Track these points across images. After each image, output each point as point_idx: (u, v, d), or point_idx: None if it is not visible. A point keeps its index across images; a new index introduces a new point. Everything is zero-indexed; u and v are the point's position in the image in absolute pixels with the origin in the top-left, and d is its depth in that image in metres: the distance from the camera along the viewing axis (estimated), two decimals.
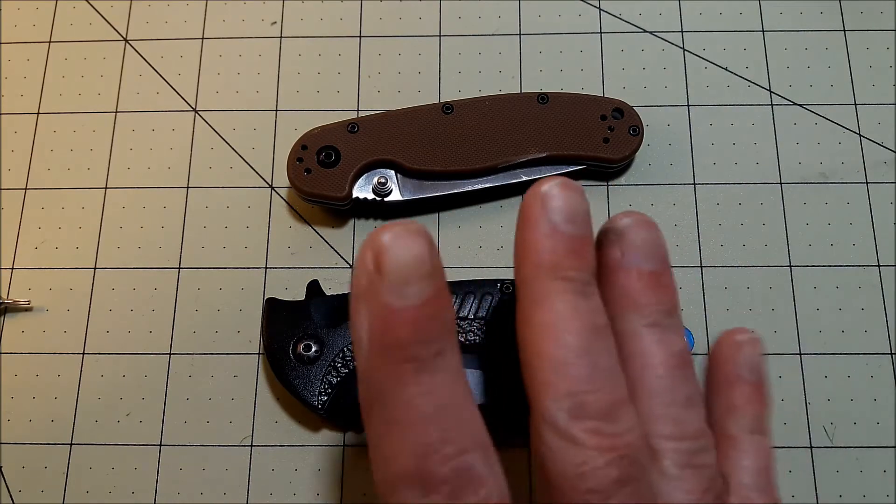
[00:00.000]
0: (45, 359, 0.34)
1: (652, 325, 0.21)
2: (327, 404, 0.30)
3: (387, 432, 0.18)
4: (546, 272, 0.19)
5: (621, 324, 0.21)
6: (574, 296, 0.19)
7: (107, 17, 0.39)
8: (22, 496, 0.32)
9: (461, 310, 0.31)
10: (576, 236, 0.20)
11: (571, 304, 0.19)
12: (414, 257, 0.18)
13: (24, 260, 0.35)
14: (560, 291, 0.19)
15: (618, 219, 0.22)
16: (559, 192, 0.20)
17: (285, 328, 0.31)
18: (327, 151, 0.34)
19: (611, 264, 0.21)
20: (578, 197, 0.20)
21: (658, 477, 0.19)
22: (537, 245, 0.19)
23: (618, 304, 0.21)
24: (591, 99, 0.35)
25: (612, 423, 0.18)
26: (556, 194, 0.20)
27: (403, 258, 0.18)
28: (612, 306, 0.21)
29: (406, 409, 0.18)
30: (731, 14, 0.38)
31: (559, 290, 0.19)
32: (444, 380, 0.18)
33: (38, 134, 0.37)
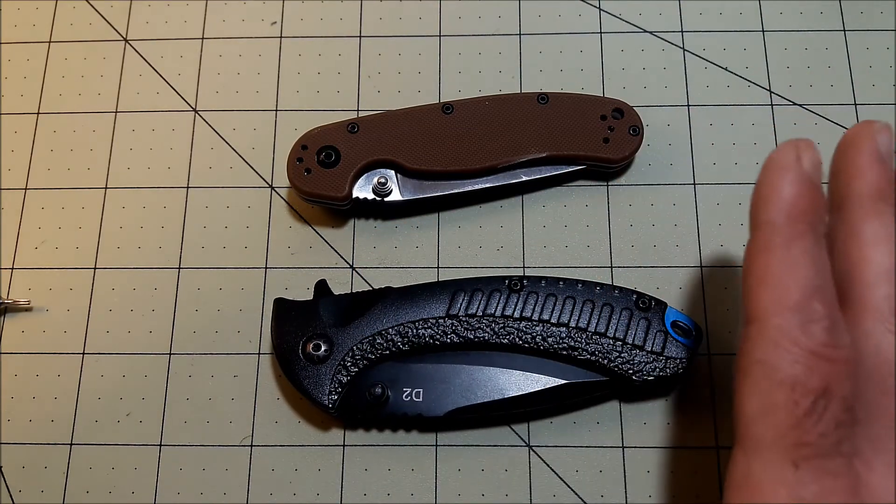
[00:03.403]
0: (45, 359, 0.34)
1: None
2: (338, 403, 0.30)
3: (783, 271, 0.21)
4: (874, 194, 0.23)
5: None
6: (892, 220, 0.22)
7: (107, 17, 0.39)
8: (22, 496, 0.32)
9: (469, 307, 0.31)
10: (892, 172, 0.23)
11: (893, 225, 0.22)
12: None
13: (24, 260, 0.35)
14: (885, 213, 0.22)
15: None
16: (887, 132, 0.24)
17: (294, 328, 0.31)
18: (327, 151, 0.34)
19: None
20: (894, 140, 0.24)
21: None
22: (867, 170, 0.23)
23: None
24: (591, 99, 0.35)
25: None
26: (885, 132, 0.24)
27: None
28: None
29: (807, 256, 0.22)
30: (731, 14, 0.38)
31: (884, 211, 0.23)
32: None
33: (38, 134, 0.37)
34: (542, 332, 0.30)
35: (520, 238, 0.35)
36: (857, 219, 0.23)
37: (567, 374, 0.30)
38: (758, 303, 0.21)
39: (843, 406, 0.20)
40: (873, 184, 0.23)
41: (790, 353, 0.21)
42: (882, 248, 0.22)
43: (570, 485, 0.31)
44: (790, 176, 0.22)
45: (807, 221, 0.22)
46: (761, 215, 0.22)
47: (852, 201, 0.23)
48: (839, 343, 0.21)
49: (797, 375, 0.20)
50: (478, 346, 0.31)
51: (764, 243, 0.22)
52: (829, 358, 0.20)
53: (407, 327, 0.31)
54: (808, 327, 0.21)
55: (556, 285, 0.31)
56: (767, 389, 0.21)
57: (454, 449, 0.32)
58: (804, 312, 0.21)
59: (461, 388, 0.30)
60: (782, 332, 0.21)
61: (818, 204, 0.22)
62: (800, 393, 0.20)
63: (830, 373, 0.20)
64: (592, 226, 0.35)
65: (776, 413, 0.20)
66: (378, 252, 0.35)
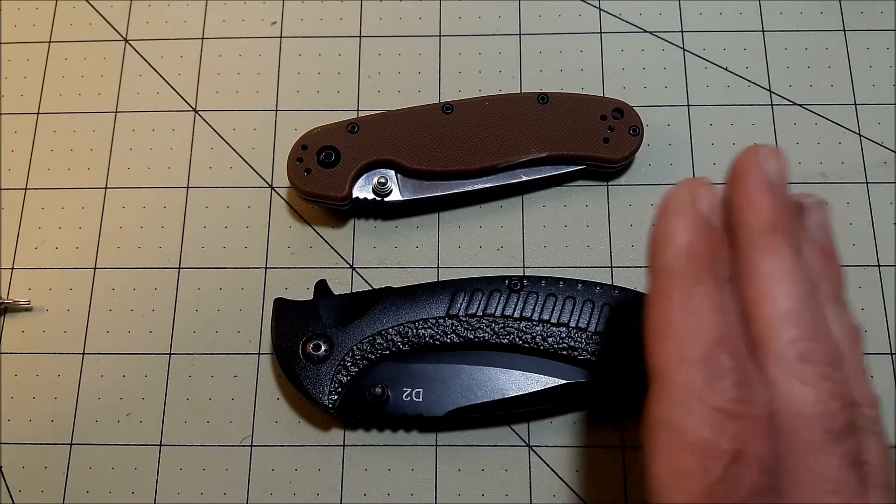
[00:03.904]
0: (45, 359, 0.34)
1: (831, 300, 0.22)
2: (338, 403, 0.30)
3: (680, 321, 0.20)
4: (767, 227, 0.21)
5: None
6: (794, 252, 0.21)
7: (107, 17, 0.39)
8: (22, 496, 0.32)
9: (469, 307, 0.31)
10: (788, 198, 0.22)
11: (793, 258, 0.20)
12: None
13: (24, 260, 0.35)
14: (780, 247, 0.21)
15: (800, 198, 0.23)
16: (775, 157, 0.22)
17: (294, 328, 0.31)
18: (327, 151, 0.34)
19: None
20: (785, 164, 0.22)
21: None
22: (758, 202, 0.21)
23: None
24: (591, 99, 0.35)
25: (837, 371, 0.19)
26: (773, 158, 0.22)
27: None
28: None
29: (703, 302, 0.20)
30: (731, 14, 0.38)
31: (781, 245, 0.21)
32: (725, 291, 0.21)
33: (38, 134, 0.37)
34: (542, 332, 0.30)
35: (520, 238, 0.35)
36: (751, 256, 0.21)
37: (567, 374, 0.30)
38: (660, 358, 0.20)
39: (760, 469, 0.18)
40: (764, 216, 0.21)
41: (697, 413, 0.19)
42: (781, 287, 0.20)
43: (570, 485, 0.31)
44: (685, 219, 0.21)
45: (706, 265, 0.20)
46: (658, 261, 0.21)
47: (744, 237, 0.21)
48: (750, 398, 0.19)
49: (706, 438, 0.18)
50: (478, 346, 0.31)
51: (662, 291, 0.20)
52: (740, 416, 0.19)
53: (407, 327, 0.31)
54: (714, 383, 0.19)
55: (556, 285, 0.31)
56: (675, 453, 0.19)
57: (454, 449, 0.32)
58: (709, 366, 0.19)
59: (461, 388, 0.30)
60: (687, 389, 0.19)
61: (717, 246, 0.21)
62: (710, 458, 0.18)
63: (742, 432, 0.18)
64: (592, 226, 0.35)
65: (686, 480, 0.18)
66: (378, 252, 0.35)
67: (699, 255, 0.20)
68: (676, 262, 0.20)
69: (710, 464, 0.18)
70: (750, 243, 0.21)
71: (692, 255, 0.20)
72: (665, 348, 0.20)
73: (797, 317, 0.20)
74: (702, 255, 0.20)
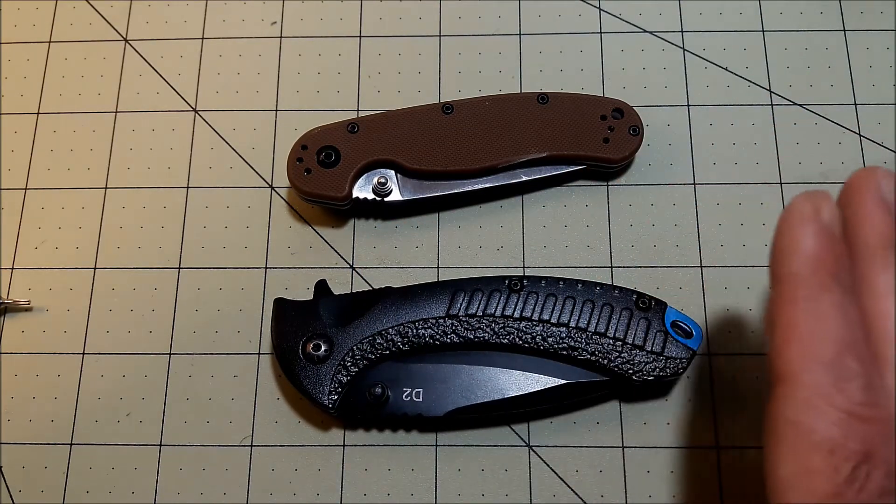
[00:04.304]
0: (45, 359, 0.34)
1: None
2: (338, 403, 0.30)
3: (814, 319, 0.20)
4: (884, 243, 0.22)
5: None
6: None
7: (107, 17, 0.39)
8: (22, 496, 0.32)
9: (469, 307, 0.31)
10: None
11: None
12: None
13: (24, 260, 0.35)
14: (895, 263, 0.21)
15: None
16: (889, 178, 0.23)
17: (294, 328, 0.31)
18: (327, 151, 0.34)
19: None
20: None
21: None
22: (875, 219, 0.22)
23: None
24: (591, 99, 0.35)
25: None
26: (887, 178, 0.23)
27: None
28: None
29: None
30: (731, 14, 0.38)
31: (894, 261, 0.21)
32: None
33: (38, 134, 0.37)
34: (542, 332, 0.30)
35: (520, 238, 0.35)
36: (868, 270, 0.21)
37: (567, 374, 0.30)
38: (787, 360, 0.20)
39: (887, 472, 0.19)
40: (880, 232, 0.22)
41: (826, 414, 0.19)
42: (893, 302, 0.21)
43: (570, 485, 0.31)
44: (811, 227, 0.21)
45: (831, 273, 0.21)
46: (784, 268, 0.21)
47: (861, 252, 0.22)
48: (877, 402, 0.19)
49: (835, 438, 0.19)
50: (478, 346, 0.31)
51: (789, 296, 0.21)
52: (868, 419, 0.19)
53: (407, 327, 0.31)
54: (842, 385, 0.19)
55: (556, 285, 0.31)
56: (803, 453, 0.19)
57: (454, 449, 0.32)
58: (838, 369, 0.19)
59: (461, 388, 0.30)
60: (816, 390, 0.19)
61: (841, 255, 0.21)
62: (840, 458, 0.19)
63: (870, 435, 0.19)
64: (592, 226, 0.35)
65: (814, 479, 0.19)
66: (378, 252, 0.35)
67: (825, 263, 0.21)
68: (804, 269, 0.21)
69: (839, 464, 0.19)
70: (866, 258, 0.21)
71: (819, 264, 0.21)
72: (792, 352, 0.20)
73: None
74: (827, 264, 0.21)
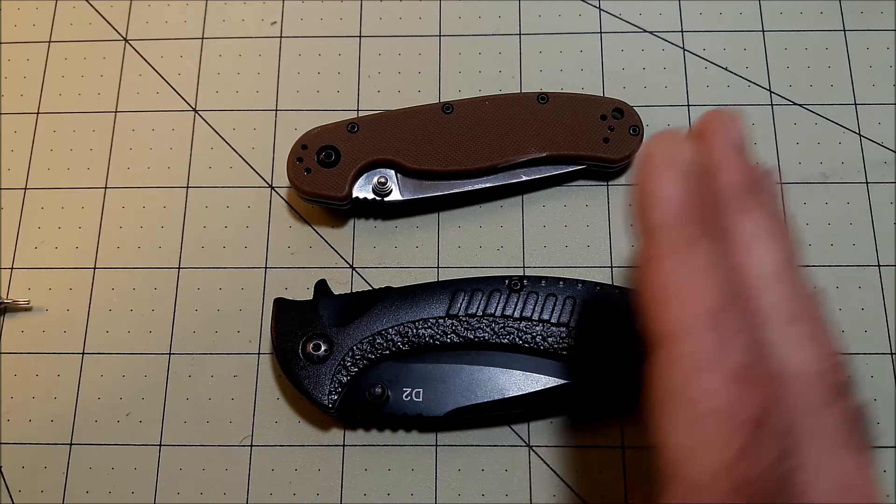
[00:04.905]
0: (45, 359, 0.34)
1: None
2: (338, 403, 0.30)
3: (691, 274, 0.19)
4: (742, 189, 0.21)
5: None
6: (769, 213, 0.21)
7: (107, 17, 0.39)
8: (22, 496, 0.32)
9: (469, 307, 0.31)
10: (752, 162, 0.22)
11: (770, 219, 0.21)
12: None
13: (23, 260, 0.35)
14: (755, 208, 0.21)
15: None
16: (736, 121, 0.22)
17: (294, 328, 0.31)
18: (327, 151, 0.34)
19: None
20: (744, 129, 0.22)
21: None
22: (730, 164, 0.21)
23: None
24: (591, 99, 0.35)
25: (821, 329, 0.20)
26: (734, 123, 0.22)
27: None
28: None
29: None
30: (731, 14, 0.38)
31: (757, 206, 0.21)
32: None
33: (38, 134, 0.37)
34: (542, 332, 0.30)
35: (520, 238, 0.35)
36: (730, 219, 0.20)
37: (567, 374, 0.30)
38: (664, 322, 0.19)
39: (781, 433, 0.18)
40: (737, 177, 0.21)
41: (712, 381, 0.18)
42: (762, 248, 0.20)
43: (570, 485, 0.31)
44: (670, 174, 0.20)
45: (697, 222, 0.19)
46: (647, 221, 0.20)
47: (721, 200, 0.20)
48: (761, 361, 0.18)
49: (724, 405, 0.18)
50: (478, 346, 0.31)
51: (658, 251, 0.19)
52: (756, 379, 0.18)
53: (407, 327, 0.31)
54: (724, 347, 0.18)
55: (556, 285, 0.31)
56: (693, 424, 0.18)
57: (454, 449, 0.32)
58: (717, 330, 0.18)
59: (461, 388, 0.30)
60: (697, 356, 0.18)
61: (705, 201, 0.20)
62: (732, 425, 0.17)
63: (761, 396, 0.18)
64: (592, 226, 0.35)
65: (709, 450, 0.18)
66: (378, 252, 0.35)
67: (691, 212, 0.19)
68: (670, 219, 0.19)
69: (731, 432, 0.17)
70: (727, 204, 0.20)
71: (684, 213, 0.19)
72: (668, 314, 0.19)
73: (779, 277, 0.19)
74: (693, 212, 0.19)
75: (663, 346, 0.19)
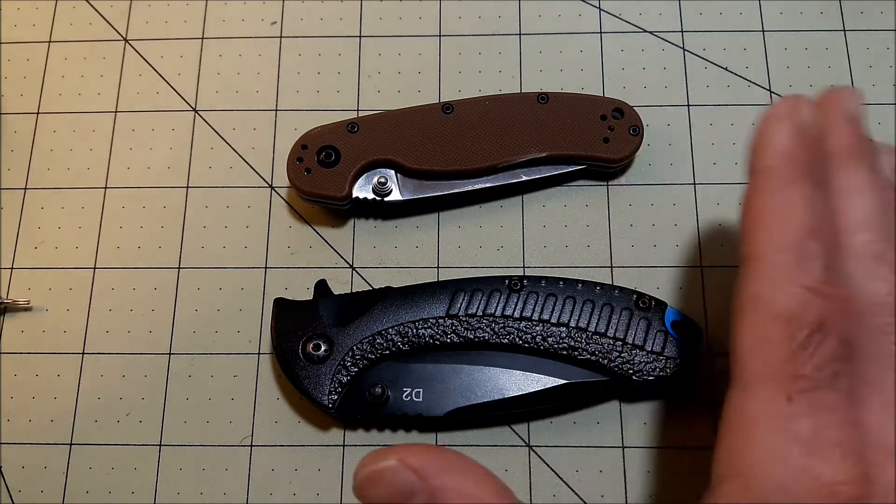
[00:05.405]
0: (45, 359, 0.34)
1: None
2: (338, 403, 0.30)
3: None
4: (848, 150, 0.24)
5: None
6: (870, 173, 0.24)
7: (107, 17, 0.39)
8: (22, 496, 0.32)
9: (469, 307, 0.31)
10: (864, 131, 0.25)
11: (868, 178, 0.23)
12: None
13: (23, 260, 0.35)
14: (860, 167, 0.23)
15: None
16: (854, 96, 0.25)
17: (294, 328, 0.31)
18: (327, 151, 0.34)
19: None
20: (862, 103, 0.25)
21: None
22: (839, 128, 0.24)
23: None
24: (591, 99, 0.35)
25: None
26: (852, 97, 0.25)
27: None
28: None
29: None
30: (731, 14, 0.38)
31: (859, 165, 0.24)
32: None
33: (38, 134, 0.37)
34: (542, 332, 0.30)
35: (520, 238, 0.35)
36: (836, 171, 0.23)
37: (567, 374, 0.30)
38: (754, 242, 0.22)
39: (839, 341, 0.20)
40: (844, 140, 0.24)
41: (786, 288, 0.21)
42: (858, 199, 0.23)
43: (570, 485, 0.31)
44: (786, 125, 0.23)
45: (801, 167, 0.22)
46: (758, 161, 0.23)
47: (831, 157, 0.24)
48: (835, 281, 0.21)
49: (793, 309, 0.20)
50: (478, 346, 0.31)
51: (761, 187, 0.23)
52: (825, 294, 0.21)
53: (407, 327, 0.31)
54: (803, 264, 0.21)
55: (556, 285, 0.31)
56: (763, 324, 0.21)
57: (454, 449, 0.32)
58: (800, 250, 0.21)
59: (461, 388, 0.30)
60: (778, 268, 0.21)
61: (814, 153, 0.23)
62: (795, 326, 0.20)
63: (826, 308, 0.20)
64: (592, 226, 0.35)
65: (771, 346, 0.20)
66: (378, 252, 0.35)
67: (796, 157, 0.22)
68: (775, 162, 0.22)
69: (794, 332, 0.20)
70: (836, 162, 0.23)
71: (790, 158, 0.22)
72: (760, 234, 0.22)
73: (871, 223, 0.22)
74: (799, 159, 0.22)
75: (749, 263, 0.22)
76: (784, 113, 0.23)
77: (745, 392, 0.21)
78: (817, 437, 0.19)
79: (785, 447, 0.19)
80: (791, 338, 0.20)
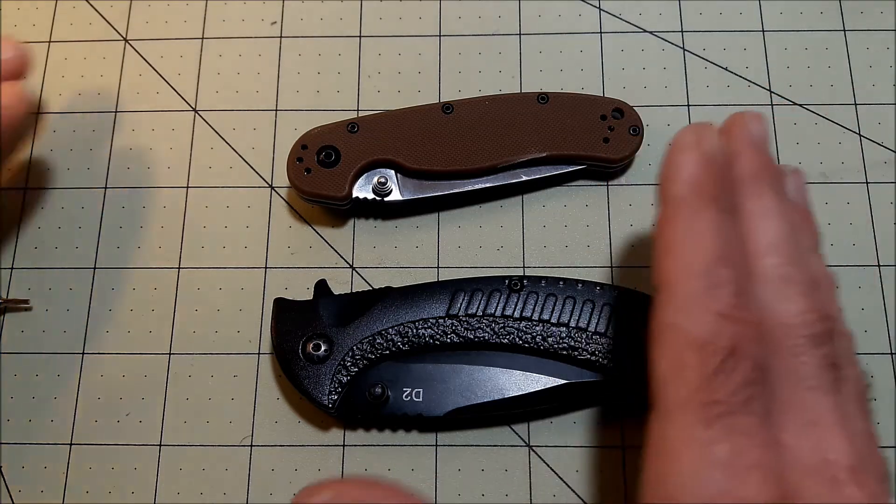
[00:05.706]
0: (45, 359, 0.34)
1: (808, 249, 0.25)
2: (338, 403, 0.30)
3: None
4: (753, 175, 0.24)
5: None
6: (776, 197, 0.24)
7: (107, 17, 0.39)
8: (22, 496, 0.32)
9: (469, 307, 0.31)
10: (769, 156, 0.25)
11: (775, 202, 0.24)
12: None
13: (23, 260, 0.35)
14: (767, 191, 0.24)
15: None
16: (757, 120, 0.26)
17: (294, 328, 0.31)
18: (327, 151, 0.34)
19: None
20: (766, 128, 0.26)
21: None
22: (745, 154, 0.25)
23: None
24: (591, 99, 0.35)
25: (814, 292, 0.23)
26: (756, 121, 0.26)
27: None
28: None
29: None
30: (731, 14, 0.38)
31: (765, 190, 0.24)
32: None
33: (39, 134, 0.37)
34: (542, 332, 0.30)
35: (520, 238, 0.35)
36: (742, 197, 0.24)
37: (567, 374, 0.30)
38: (666, 270, 0.22)
39: (752, 364, 0.21)
40: (750, 166, 0.24)
41: (698, 316, 0.21)
42: (765, 223, 0.23)
43: (570, 485, 0.31)
44: (692, 155, 0.23)
45: (708, 195, 0.23)
46: (667, 191, 0.23)
47: (737, 182, 0.24)
48: (746, 306, 0.21)
49: (705, 336, 0.21)
50: (478, 346, 0.31)
51: (670, 216, 0.23)
52: (737, 319, 0.21)
53: (407, 327, 0.31)
54: (714, 291, 0.21)
55: (556, 285, 0.31)
56: (677, 351, 0.21)
57: (454, 449, 0.32)
58: (710, 277, 0.21)
59: (461, 388, 0.30)
60: (689, 296, 0.21)
61: (719, 180, 0.23)
62: (708, 352, 0.21)
63: (738, 333, 0.21)
64: (592, 226, 0.35)
65: (686, 373, 0.21)
66: (378, 252, 0.35)
67: (703, 185, 0.23)
68: (683, 191, 0.23)
69: (708, 358, 0.21)
70: (740, 188, 0.24)
71: (697, 186, 0.23)
72: (671, 263, 0.22)
73: (778, 246, 0.23)
74: (705, 186, 0.23)
75: (661, 291, 0.22)
76: (690, 141, 0.24)
77: (664, 419, 0.21)
78: (736, 461, 0.20)
79: (706, 472, 0.19)
80: (705, 364, 0.20)
